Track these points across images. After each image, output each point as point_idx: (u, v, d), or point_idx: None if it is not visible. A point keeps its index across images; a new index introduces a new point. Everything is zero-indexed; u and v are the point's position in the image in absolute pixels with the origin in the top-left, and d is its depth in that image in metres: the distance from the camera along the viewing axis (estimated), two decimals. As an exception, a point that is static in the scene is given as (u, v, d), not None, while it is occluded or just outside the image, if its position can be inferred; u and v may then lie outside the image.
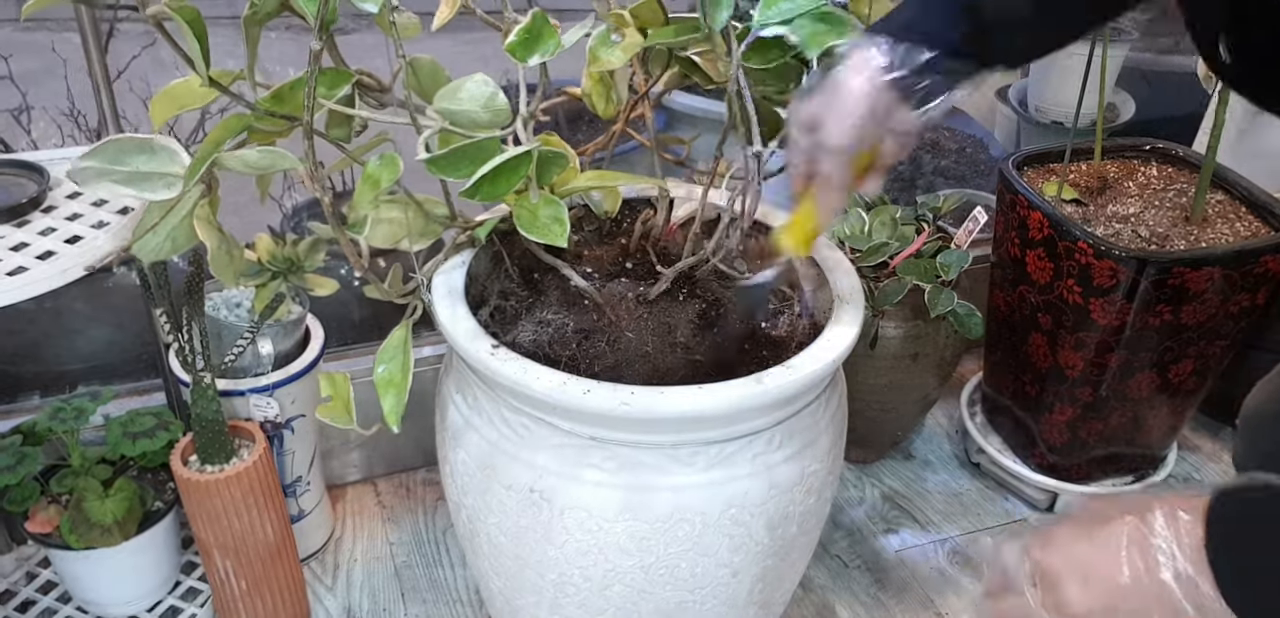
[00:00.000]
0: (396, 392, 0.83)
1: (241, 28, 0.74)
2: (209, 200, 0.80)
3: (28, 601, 1.15)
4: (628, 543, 0.82)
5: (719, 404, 0.77)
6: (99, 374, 1.39)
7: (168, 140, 0.78)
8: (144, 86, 1.43)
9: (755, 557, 0.86)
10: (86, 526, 1.02)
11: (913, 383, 1.36)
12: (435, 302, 0.86)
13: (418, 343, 0.89)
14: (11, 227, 0.92)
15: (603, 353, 0.88)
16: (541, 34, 0.71)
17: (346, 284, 1.26)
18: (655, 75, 0.91)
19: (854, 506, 1.44)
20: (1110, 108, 1.99)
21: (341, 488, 1.41)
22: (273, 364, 1.15)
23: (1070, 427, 1.33)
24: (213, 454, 1.02)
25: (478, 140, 0.72)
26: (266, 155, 0.74)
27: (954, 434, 1.58)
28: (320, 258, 0.98)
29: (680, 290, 0.96)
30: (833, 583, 1.30)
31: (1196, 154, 1.39)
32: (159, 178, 0.76)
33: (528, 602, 0.91)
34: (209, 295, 1.14)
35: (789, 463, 0.84)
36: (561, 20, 0.73)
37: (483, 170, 0.70)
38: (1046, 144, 1.41)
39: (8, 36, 1.53)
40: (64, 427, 1.05)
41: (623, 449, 0.80)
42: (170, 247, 0.80)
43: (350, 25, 1.41)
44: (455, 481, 0.91)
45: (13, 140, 1.55)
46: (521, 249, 0.97)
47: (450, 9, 0.73)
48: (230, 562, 1.05)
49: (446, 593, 1.25)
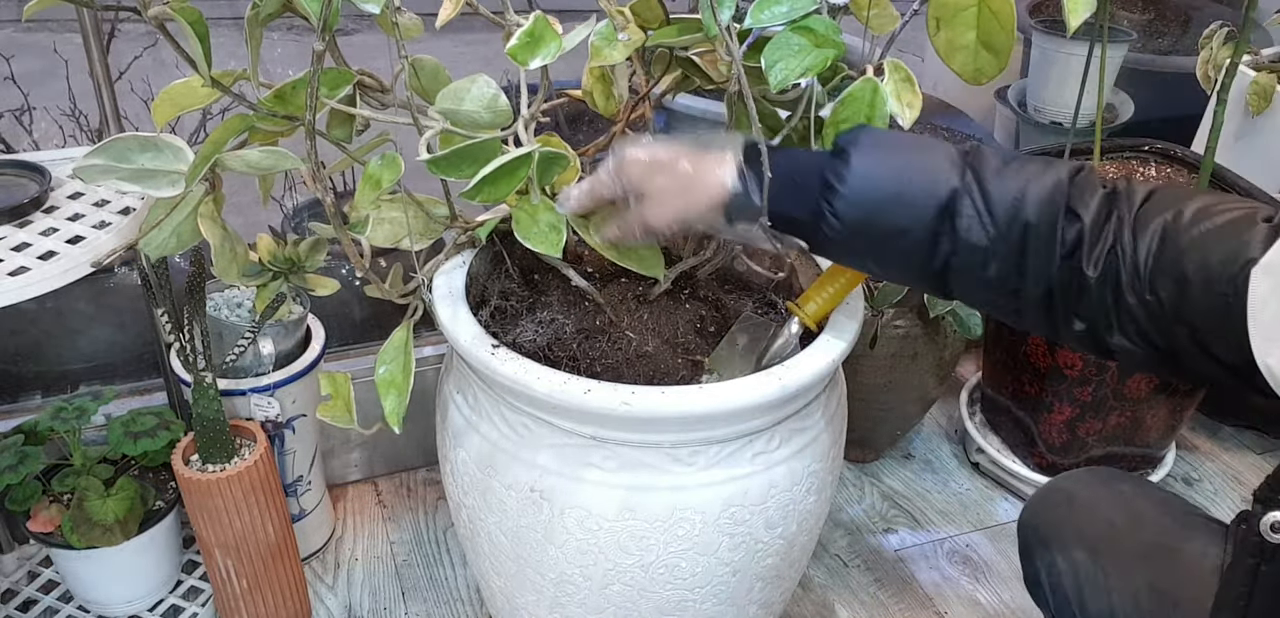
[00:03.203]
0: (398, 393, 0.83)
1: (244, 28, 0.74)
2: (213, 198, 0.81)
3: (29, 600, 1.15)
4: (628, 542, 0.82)
5: (719, 404, 0.77)
6: (101, 374, 1.39)
7: (173, 138, 0.78)
8: (145, 87, 1.43)
9: (755, 556, 0.86)
10: (88, 525, 1.02)
11: (913, 383, 1.37)
12: (436, 302, 0.87)
13: (418, 343, 0.90)
14: (13, 227, 0.92)
15: (603, 353, 0.88)
16: (543, 36, 0.71)
17: (347, 284, 1.26)
18: (656, 76, 0.91)
19: (854, 505, 1.44)
20: (1109, 108, 1.99)
21: (342, 487, 1.41)
22: (274, 364, 1.15)
23: (1069, 426, 1.33)
24: (214, 454, 1.02)
25: (479, 141, 0.72)
26: (269, 155, 0.74)
27: (954, 434, 1.58)
28: (321, 258, 0.99)
29: (681, 291, 0.96)
30: (832, 582, 1.30)
31: (1195, 154, 1.39)
32: (164, 175, 0.76)
33: (528, 601, 0.92)
34: (210, 295, 1.15)
35: (789, 463, 0.85)
36: (562, 21, 0.73)
37: (484, 172, 0.70)
38: (1045, 144, 1.41)
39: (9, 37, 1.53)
40: (66, 426, 1.05)
41: (623, 449, 0.80)
42: (176, 243, 0.81)
43: (351, 26, 1.42)
44: (456, 480, 0.91)
45: (14, 141, 1.55)
46: (522, 249, 0.97)
47: (453, 8, 0.73)
48: (231, 561, 1.06)
49: (447, 592, 1.25)
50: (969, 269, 0.69)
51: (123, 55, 1.41)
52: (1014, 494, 1.46)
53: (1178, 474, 1.49)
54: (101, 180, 0.75)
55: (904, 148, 0.70)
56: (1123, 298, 0.64)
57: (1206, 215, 0.63)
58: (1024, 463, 1.42)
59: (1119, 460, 1.39)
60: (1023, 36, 1.96)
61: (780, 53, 0.71)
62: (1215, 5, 2.11)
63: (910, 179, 0.69)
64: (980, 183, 0.68)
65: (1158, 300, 0.63)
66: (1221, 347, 0.61)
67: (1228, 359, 0.61)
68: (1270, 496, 0.54)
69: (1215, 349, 0.61)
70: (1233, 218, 0.62)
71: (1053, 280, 0.67)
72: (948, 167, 0.69)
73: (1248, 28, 1.17)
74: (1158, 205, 0.65)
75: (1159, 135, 1.44)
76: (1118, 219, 0.65)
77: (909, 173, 0.69)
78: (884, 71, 0.78)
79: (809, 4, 0.72)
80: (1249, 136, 1.48)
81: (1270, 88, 1.43)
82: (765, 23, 0.72)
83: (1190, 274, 0.61)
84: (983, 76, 0.77)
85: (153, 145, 0.77)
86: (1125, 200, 0.66)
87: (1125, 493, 0.87)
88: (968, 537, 1.38)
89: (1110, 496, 0.87)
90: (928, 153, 0.70)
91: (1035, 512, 0.90)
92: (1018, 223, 0.67)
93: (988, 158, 0.70)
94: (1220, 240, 0.61)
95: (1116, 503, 0.86)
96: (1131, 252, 0.64)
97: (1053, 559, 0.85)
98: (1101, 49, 1.23)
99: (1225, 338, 0.60)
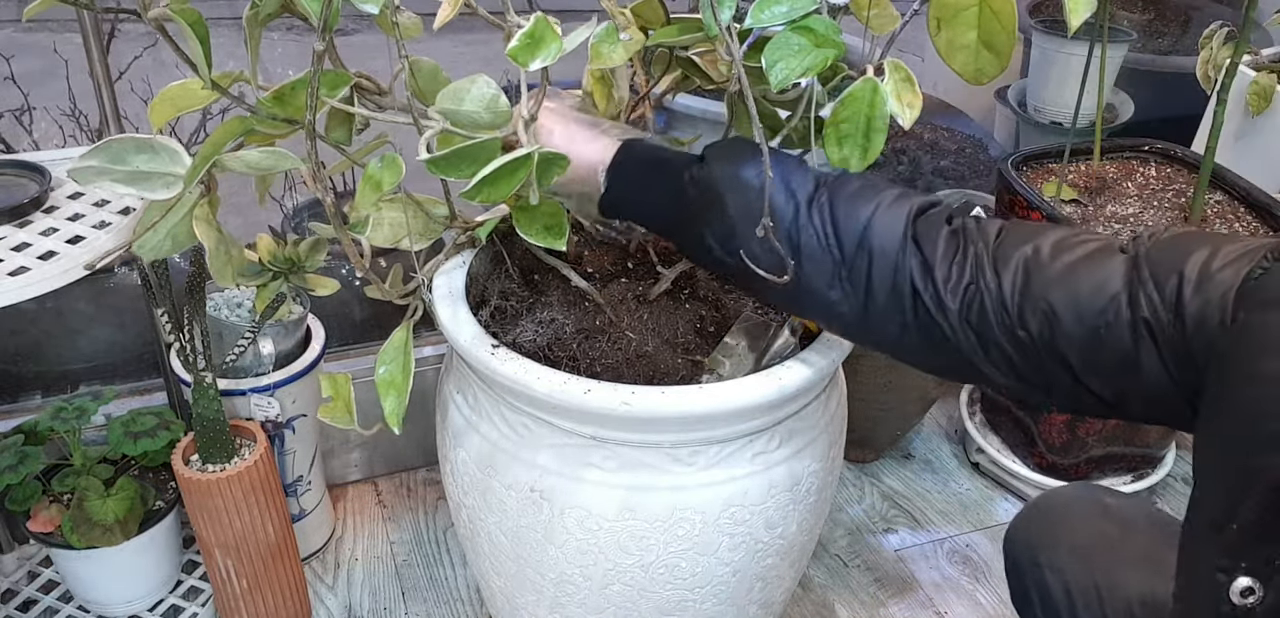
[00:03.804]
0: (398, 393, 0.83)
1: (243, 28, 0.74)
2: (208, 201, 0.80)
3: (29, 600, 1.15)
4: (628, 542, 0.82)
5: (719, 404, 0.77)
6: (101, 374, 1.39)
7: (169, 140, 0.78)
8: (145, 87, 1.43)
9: (755, 556, 0.86)
10: (88, 525, 1.02)
11: (912, 383, 1.37)
12: (436, 302, 0.87)
13: (418, 343, 0.90)
14: (13, 227, 0.92)
15: (603, 353, 0.88)
16: (544, 38, 0.71)
17: (347, 284, 1.26)
18: (656, 76, 0.91)
19: (854, 505, 1.44)
20: (1109, 108, 1.99)
21: (342, 487, 1.41)
22: (274, 364, 1.15)
23: (1069, 426, 1.33)
24: (214, 454, 1.02)
25: (479, 141, 0.72)
26: (269, 156, 0.74)
27: (953, 434, 1.58)
28: (321, 258, 0.99)
29: (681, 291, 0.96)
30: (832, 582, 1.30)
31: (1195, 154, 1.39)
32: (159, 178, 0.76)
33: (528, 601, 0.92)
34: (210, 295, 1.15)
35: (789, 463, 0.85)
36: (563, 21, 0.73)
37: (483, 173, 0.70)
38: (1045, 144, 1.41)
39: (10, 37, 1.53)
40: (66, 426, 1.05)
41: (623, 449, 0.80)
42: (171, 245, 0.81)
43: (351, 26, 1.42)
44: (456, 480, 0.91)
45: (14, 141, 1.55)
46: (522, 249, 0.98)
47: (452, 8, 0.73)
48: (231, 561, 1.06)
49: (447, 592, 1.25)
50: (814, 292, 0.70)
51: (123, 55, 1.41)
52: (1014, 494, 1.46)
53: (1178, 474, 1.49)
54: (96, 183, 0.75)
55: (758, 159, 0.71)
56: (990, 334, 0.65)
57: (1066, 248, 0.64)
58: (1024, 463, 1.42)
59: (1119, 460, 1.39)
60: (1023, 36, 1.96)
61: (781, 53, 0.71)
62: (1215, 5, 2.11)
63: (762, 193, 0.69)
64: (832, 204, 0.69)
65: (1029, 335, 0.63)
66: (1096, 380, 0.62)
67: (1102, 392, 0.62)
68: (1230, 564, 0.54)
69: (1089, 383, 0.62)
70: (1092, 249, 0.63)
71: (906, 314, 0.68)
72: (799, 182, 0.71)
73: (1248, 28, 1.17)
74: (1014, 240, 0.66)
75: (1159, 135, 1.44)
76: (975, 255, 0.66)
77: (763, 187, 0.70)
78: (884, 71, 0.78)
79: (809, 4, 0.72)
80: (1249, 136, 1.48)
81: (1270, 88, 1.43)
82: (765, 23, 0.72)
83: (1059, 308, 0.62)
84: (984, 76, 0.77)
85: (149, 147, 0.76)
86: (979, 236, 0.67)
87: (1114, 506, 0.87)
88: (968, 537, 1.39)
89: (1099, 508, 0.87)
90: (781, 172, 0.71)
91: (1023, 527, 0.90)
92: (863, 251, 0.68)
93: (845, 182, 0.71)
94: (1086, 272, 0.62)
95: (1106, 515, 0.86)
96: (996, 288, 0.64)
97: (1042, 575, 0.85)
98: (1102, 49, 1.23)
99: (1099, 371, 0.61)
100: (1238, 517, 0.53)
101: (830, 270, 0.69)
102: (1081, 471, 1.38)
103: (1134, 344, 0.60)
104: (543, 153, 0.74)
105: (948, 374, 0.72)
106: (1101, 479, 1.41)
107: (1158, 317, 0.58)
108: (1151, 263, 0.60)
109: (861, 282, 0.69)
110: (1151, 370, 0.59)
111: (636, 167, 0.78)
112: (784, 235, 0.70)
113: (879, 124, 0.78)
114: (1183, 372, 0.57)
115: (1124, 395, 0.62)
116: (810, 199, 0.70)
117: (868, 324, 0.70)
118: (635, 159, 0.78)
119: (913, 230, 0.68)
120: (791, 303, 0.74)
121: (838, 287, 0.70)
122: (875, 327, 0.70)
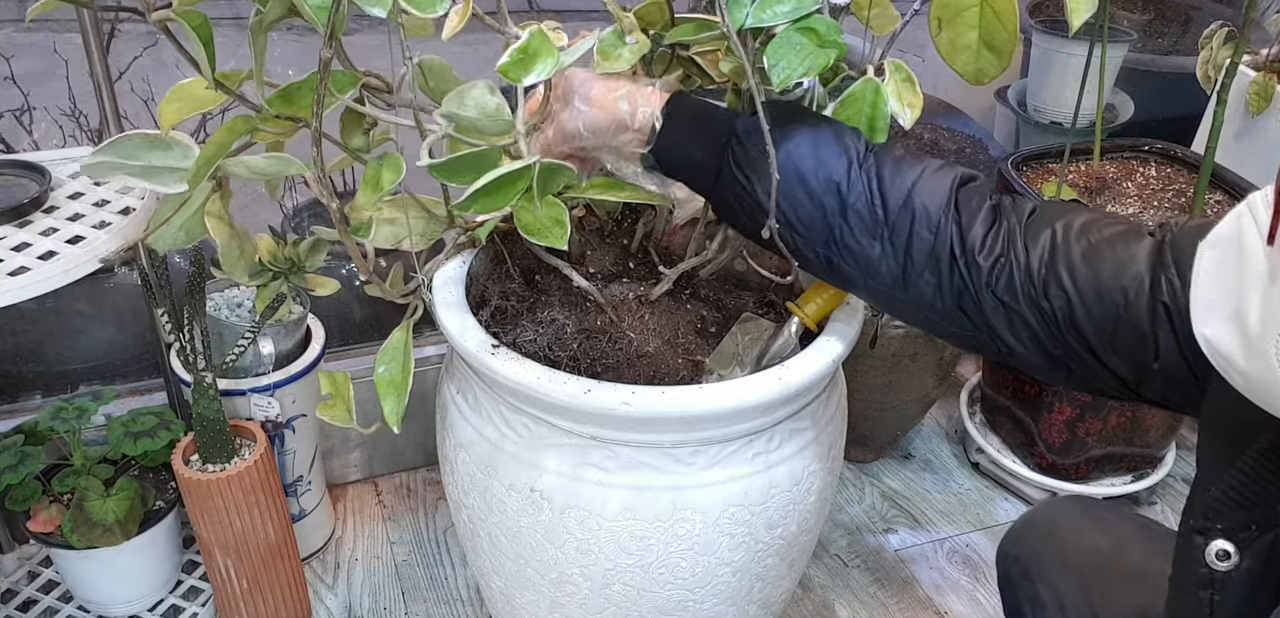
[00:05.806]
0: (397, 393, 0.83)
1: (248, 34, 0.74)
2: (221, 195, 0.81)
3: (29, 600, 1.15)
4: (628, 542, 0.82)
5: (719, 404, 0.77)
6: (101, 374, 1.39)
7: (180, 135, 0.78)
8: (145, 87, 1.43)
9: (755, 556, 0.86)
10: (88, 525, 1.02)
11: (912, 383, 1.37)
12: (436, 302, 0.87)
13: (418, 342, 0.90)
14: (13, 227, 0.92)
15: (604, 353, 0.88)
16: (538, 52, 0.71)
17: (347, 284, 1.26)
18: (658, 75, 0.91)
19: (854, 505, 1.44)
20: (1109, 108, 1.99)
21: (342, 487, 1.41)
22: (274, 364, 1.15)
23: (1069, 426, 1.33)
24: (214, 454, 1.02)
25: (482, 150, 0.72)
26: (273, 162, 0.74)
27: (954, 434, 1.58)
28: (321, 258, 0.99)
29: (682, 291, 0.96)
30: (832, 582, 1.30)
31: (1195, 154, 1.39)
32: (171, 172, 0.76)
33: (528, 601, 0.92)
34: (210, 295, 1.15)
35: (789, 463, 0.85)
36: (565, 21, 0.73)
37: (478, 183, 0.70)
38: (1045, 144, 1.41)
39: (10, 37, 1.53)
40: (66, 426, 1.05)
41: (623, 449, 0.80)
42: (185, 238, 0.81)
43: (353, 26, 1.41)
44: (456, 480, 0.91)
45: (14, 141, 1.55)
46: (523, 249, 0.98)
47: (459, 20, 0.73)
48: (231, 561, 1.06)
49: (447, 592, 1.25)
50: (856, 249, 0.72)
51: (123, 55, 1.41)
52: (1014, 494, 1.46)
53: (1178, 474, 1.49)
54: (109, 177, 0.75)
55: (814, 121, 0.75)
56: (1017, 305, 0.67)
57: (1093, 228, 0.66)
58: (1024, 463, 1.42)
59: (1119, 460, 1.39)
60: (1023, 36, 1.96)
61: (783, 52, 0.71)
62: (1215, 5, 2.11)
63: (815, 147, 0.72)
64: (879, 165, 0.72)
65: (1052, 307, 0.65)
66: (1114, 358, 0.64)
67: (1120, 371, 0.64)
68: (1207, 525, 0.55)
69: (1108, 360, 0.65)
70: (1119, 231, 0.65)
71: (941, 277, 0.69)
72: (851, 141, 0.73)
73: (1248, 28, 1.17)
74: (1045, 218, 0.68)
75: (1159, 135, 1.44)
76: (1008, 229, 0.68)
77: (816, 141, 0.72)
78: (885, 71, 0.78)
79: (813, 3, 0.72)
80: (1249, 136, 1.48)
81: (1270, 88, 1.43)
82: (767, 22, 0.72)
83: (1080, 284, 0.64)
84: (985, 76, 0.78)
85: (161, 143, 0.77)
86: (1013, 212, 0.69)
87: (1108, 519, 0.87)
88: (968, 537, 1.39)
89: (1092, 522, 0.87)
90: (832, 131, 0.74)
91: (1016, 542, 0.90)
92: (907, 210, 0.70)
93: (892, 147, 0.74)
94: (1110, 252, 0.64)
95: (1099, 529, 0.86)
96: (1025, 260, 0.67)
97: (1036, 590, 0.85)
98: (1102, 49, 1.23)
99: (1117, 349, 0.63)
100: (1219, 480, 0.55)
101: (874, 228, 0.71)
102: (1082, 470, 1.38)
103: (1151, 325, 0.61)
104: (544, 164, 0.74)
105: (975, 346, 0.73)
106: (1102, 479, 1.41)
107: (1177, 301, 0.60)
108: (1175, 249, 0.62)
109: (902, 242, 0.70)
110: (1169, 352, 0.61)
111: (685, 117, 0.78)
112: (834, 188, 0.72)
113: (880, 124, 0.78)
114: (1198, 358, 0.58)
115: (1142, 376, 0.64)
116: (861, 157, 0.72)
117: (906, 284, 0.72)
118: (683, 110, 0.78)
119: (955, 197, 0.70)
120: (830, 258, 0.74)
121: (879, 244, 0.71)
122: (912, 287, 0.71)
